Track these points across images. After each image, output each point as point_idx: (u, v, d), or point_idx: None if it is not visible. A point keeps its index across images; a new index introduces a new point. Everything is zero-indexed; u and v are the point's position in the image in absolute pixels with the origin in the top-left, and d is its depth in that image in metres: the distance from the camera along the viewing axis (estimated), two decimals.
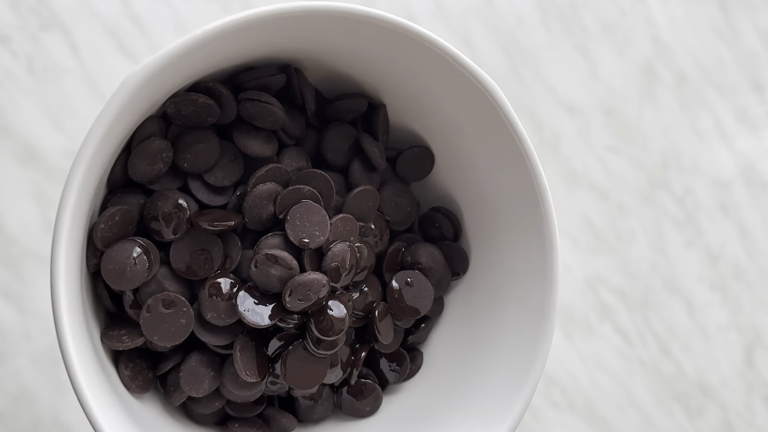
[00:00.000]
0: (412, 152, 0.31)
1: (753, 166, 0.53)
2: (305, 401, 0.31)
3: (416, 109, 0.30)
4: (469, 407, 0.29)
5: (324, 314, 0.27)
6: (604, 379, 0.50)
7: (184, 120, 0.27)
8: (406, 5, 0.47)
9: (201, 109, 0.27)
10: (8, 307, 0.39)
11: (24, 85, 0.40)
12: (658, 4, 0.52)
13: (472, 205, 0.31)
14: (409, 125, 0.31)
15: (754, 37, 0.54)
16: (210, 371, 0.28)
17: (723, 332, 0.52)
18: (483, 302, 0.32)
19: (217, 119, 0.28)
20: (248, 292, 0.27)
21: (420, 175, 0.32)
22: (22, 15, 0.41)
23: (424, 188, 0.33)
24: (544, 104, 0.49)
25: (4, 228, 0.39)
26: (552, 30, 0.50)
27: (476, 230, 0.32)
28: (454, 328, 0.33)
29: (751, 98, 0.54)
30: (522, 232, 0.29)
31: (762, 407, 0.53)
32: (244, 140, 0.28)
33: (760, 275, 0.53)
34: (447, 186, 0.32)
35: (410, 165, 0.32)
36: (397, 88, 0.29)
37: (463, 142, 0.30)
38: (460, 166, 0.31)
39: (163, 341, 0.27)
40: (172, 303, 0.27)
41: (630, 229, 0.51)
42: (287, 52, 0.28)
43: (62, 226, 0.24)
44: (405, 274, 0.31)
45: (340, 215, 0.28)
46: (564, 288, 0.49)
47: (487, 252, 0.31)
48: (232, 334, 0.28)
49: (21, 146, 0.40)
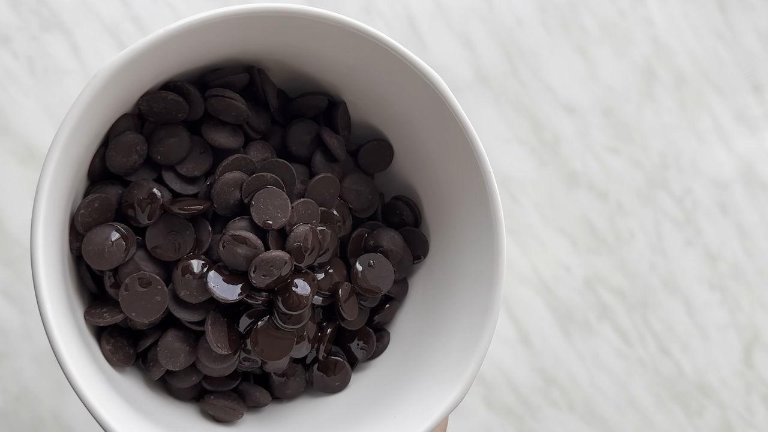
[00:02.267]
0: (372, 145, 0.34)
1: (752, 166, 0.53)
2: (278, 378, 0.33)
3: (373, 105, 0.32)
4: (429, 377, 0.31)
5: (289, 291, 0.29)
6: (603, 379, 0.50)
7: (156, 116, 0.30)
8: (406, 6, 0.47)
9: (171, 106, 0.30)
10: (9, 307, 0.39)
11: (25, 86, 0.40)
12: (657, 4, 0.52)
13: (430, 192, 0.33)
14: (368, 121, 0.34)
15: (753, 38, 0.54)
16: (186, 346, 0.30)
17: (722, 332, 0.52)
18: (442, 282, 0.34)
19: (186, 115, 0.30)
20: (218, 271, 0.29)
21: (381, 166, 0.34)
22: (23, 15, 0.41)
23: (386, 179, 0.35)
24: (543, 104, 0.49)
25: (5, 228, 0.40)
26: (551, 30, 0.50)
27: (435, 216, 0.34)
28: (418, 307, 0.35)
29: (749, 99, 0.54)
30: (472, 213, 0.31)
31: (761, 407, 0.53)
32: (212, 133, 0.30)
33: (759, 275, 0.53)
34: (407, 176, 0.34)
35: (371, 157, 0.34)
36: (354, 85, 0.32)
37: (417, 134, 0.32)
38: (417, 156, 0.33)
39: (140, 317, 0.29)
40: (149, 282, 0.29)
41: (629, 229, 0.51)
42: (251, 53, 0.30)
43: (39, 210, 0.25)
44: (368, 256, 0.33)
45: (301, 199, 0.31)
46: (563, 288, 0.50)
47: (444, 235, 0.34)
48: (204, 311, 0.30)
49: (22, 146, 0.40)
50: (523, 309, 0.49)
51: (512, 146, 0.49)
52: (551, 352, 0.49)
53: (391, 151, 0.34)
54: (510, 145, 0.49)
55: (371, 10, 0.47)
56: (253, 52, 0.30)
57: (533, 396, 0.48)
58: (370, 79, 0.31)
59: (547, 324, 0.49)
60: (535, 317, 0.49)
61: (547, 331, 0.49)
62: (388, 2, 0.47)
